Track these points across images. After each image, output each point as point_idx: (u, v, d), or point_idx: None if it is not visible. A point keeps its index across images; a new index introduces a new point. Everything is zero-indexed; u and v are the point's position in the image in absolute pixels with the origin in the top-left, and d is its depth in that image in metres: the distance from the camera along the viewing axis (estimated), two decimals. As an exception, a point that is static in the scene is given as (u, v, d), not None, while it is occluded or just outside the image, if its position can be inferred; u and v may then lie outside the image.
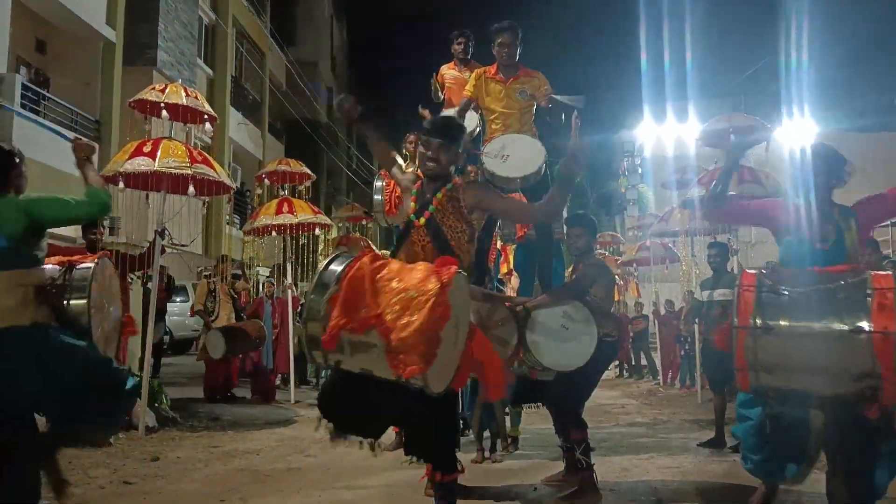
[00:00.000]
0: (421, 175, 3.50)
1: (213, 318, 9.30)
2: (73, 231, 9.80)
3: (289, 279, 10.67)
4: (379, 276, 2.80)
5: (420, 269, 2.86)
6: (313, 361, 3.00)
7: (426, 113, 6.66)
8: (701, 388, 9.69)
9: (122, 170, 6.80)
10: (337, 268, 2.90)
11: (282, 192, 10.64)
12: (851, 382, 2.91)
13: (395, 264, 2.93)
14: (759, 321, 3.01)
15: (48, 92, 12.70)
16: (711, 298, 6.53)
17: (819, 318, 3.01)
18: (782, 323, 3.02)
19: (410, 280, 2.76)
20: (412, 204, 3.32)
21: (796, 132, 22.82)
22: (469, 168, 6.20)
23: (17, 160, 3.39)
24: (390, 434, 6.57)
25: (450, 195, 3.30)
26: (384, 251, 5.00)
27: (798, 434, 3.40)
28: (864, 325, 2.89)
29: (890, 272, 3.09)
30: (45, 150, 11.51)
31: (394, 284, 2.75)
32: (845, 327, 2.93)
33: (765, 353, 2.99)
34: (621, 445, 6.52)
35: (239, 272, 9.97)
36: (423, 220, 3.25)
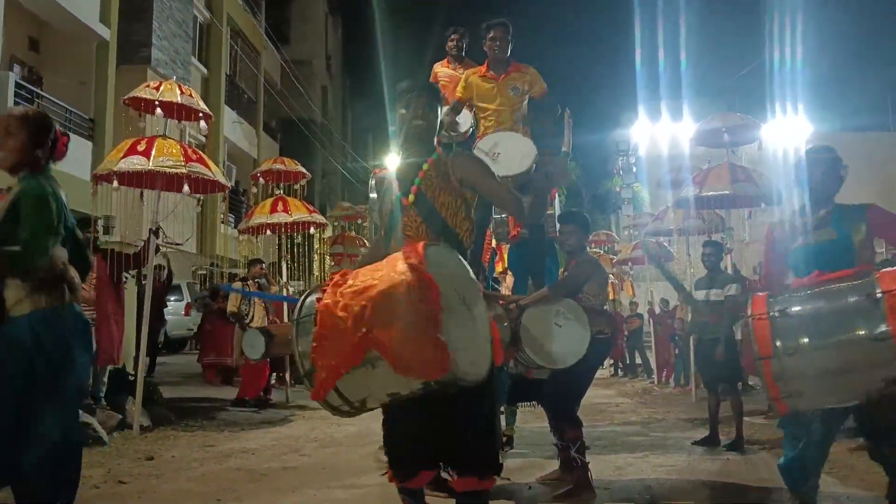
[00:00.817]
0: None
1: (248, 321, 9.16)
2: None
3: (284, 278, 10.67)
4: (345, 293, 2.43)
5: (384, 264, 2.51)
6: (338, 412, 2.59)
7: None
8: (695, 387, 9.71)
9: (116, 168, 6.79)
10: (312, 298, 2.64)
11: (277, 191, 10.64)
12: (883, 386, 2.84)
13: (359, 273, 2.53)
14: (779, 346, 2.95)
15: (42, 90, 12.66)
16: (707, 298, 6.54)
17: (836, 331, 2.93)
18: (802, 342, 2.94)
19: (383, 280, 2.40)
20: (395, 185, 2.88)
21: (790, 131, 22.89)
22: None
23: None
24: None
25: (437, 165, 2.85)
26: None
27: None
28: (882, 329, 2.79)
29: (894, 269, 3.02)
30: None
31: (370, 293, 2.38)
32: (864, 334, 2.85)
33: (793, 378, 2.93)
34: (616, 444, 6.53)
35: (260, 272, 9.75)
36: (411, 198, 2.79)
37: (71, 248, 3.02)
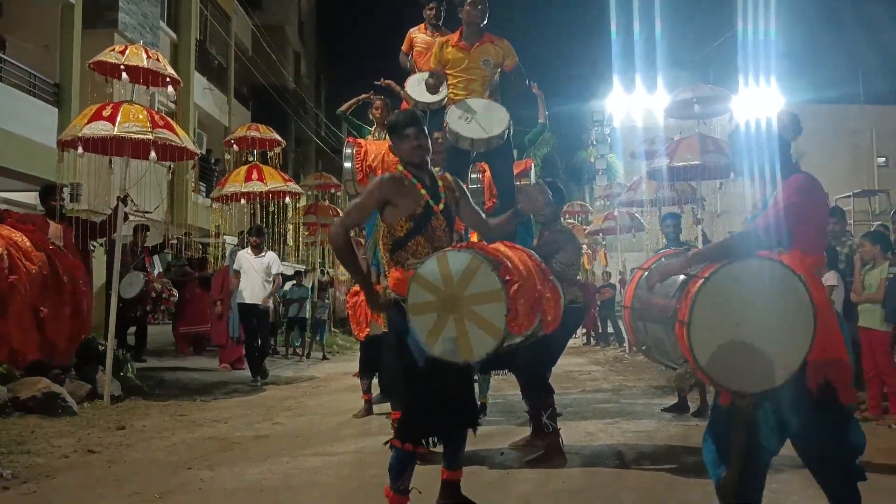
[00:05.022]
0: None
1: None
2: (32, 198, 9.55)
3: (258, 248, 10.54)
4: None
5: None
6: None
7: (392, 84, 6.64)
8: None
9: (80, 134, 6.63)
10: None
11: (251, 158, 10.49)
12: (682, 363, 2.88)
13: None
14: (635, 298, 3.24)
15: (5, 55, 12.29)
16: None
17: (666, 295, 2.95)
18: (645, 301, 3.16)
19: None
20: (422, 191, 3.45)
21: (762, 103, 23.03)
22: (436, 134, 6.18)
23: None
24: (359, 403, 6.61)
25: (448, 186, 3.60)
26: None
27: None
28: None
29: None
30: (5, 114, 11.19)
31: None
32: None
33: (639, 333, 3.28)
34: (587, 411, 6.63)
35: None
36: (441, 206, 3.50)
37: None
